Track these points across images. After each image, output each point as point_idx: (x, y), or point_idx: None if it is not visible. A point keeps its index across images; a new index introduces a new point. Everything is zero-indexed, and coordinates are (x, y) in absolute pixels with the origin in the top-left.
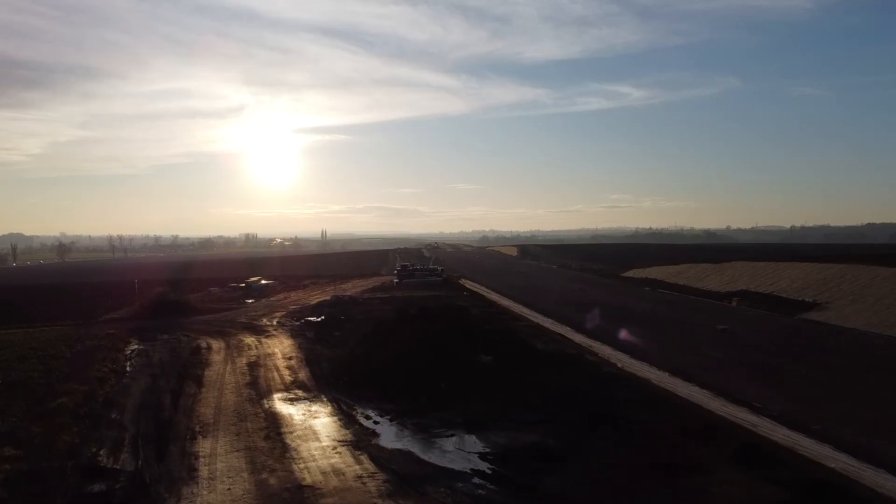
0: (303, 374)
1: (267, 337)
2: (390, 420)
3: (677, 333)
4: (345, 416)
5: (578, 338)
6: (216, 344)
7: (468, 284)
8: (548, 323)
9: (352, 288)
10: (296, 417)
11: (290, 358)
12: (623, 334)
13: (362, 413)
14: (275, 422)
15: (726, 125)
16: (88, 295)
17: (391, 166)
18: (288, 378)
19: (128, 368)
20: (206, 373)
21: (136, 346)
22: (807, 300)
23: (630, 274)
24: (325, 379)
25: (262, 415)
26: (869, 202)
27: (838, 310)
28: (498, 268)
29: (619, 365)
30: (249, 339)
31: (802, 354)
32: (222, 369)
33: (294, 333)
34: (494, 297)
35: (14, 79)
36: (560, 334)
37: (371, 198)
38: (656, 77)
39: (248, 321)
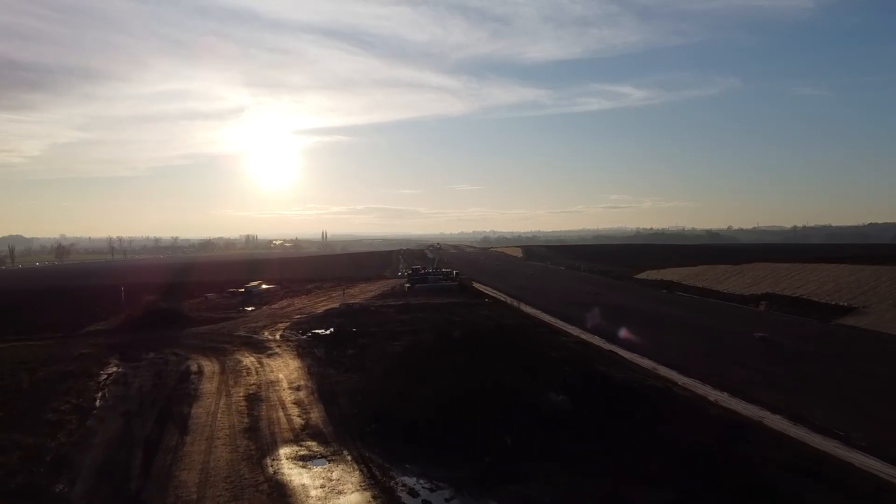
0: (316, 415)
1: (269, 356)
2: (446, 500)
3: (717, 343)
4: (381, 491)
5: (628, 354)
6: (209, 366)
7: (483, 289)
8: (586, 335)
9: (360, 293)
10: (312, 492)
11: (298, 388)
12: (665, 347)
13: (404, 485)
14: (283, 499)
15: (727, 125)
16: (80, 300)
17: (391, 167)
18: (297, 420)
19: (97, 403)
20: (193, 410)
21: (114, 370)
22: (841, 304)
23: (643, 276)
24: (345, 423)
25: (265, 486)
26: (871, 202)
27: (878, 315)
28: (506, 270)
29: (722, 403)
30: (249, 360)
31: (857, 367)
32: (214, 405)
33: (301, 351)
34: (516, 303)
35: (14, 81)
36: (610, 351)
37: (371, 199)
38: (657, 77)
39: (247, 334)
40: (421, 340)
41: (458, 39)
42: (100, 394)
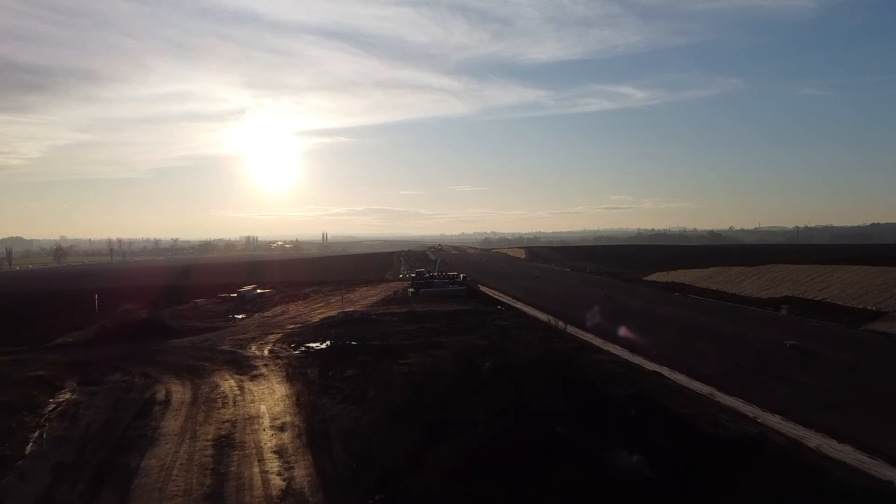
0: (301, 472)
1: (253, 379)
2: None
3: (748, 353)
4: None
5: (669, 372)
6: (179, 393)
7: (491, 293)
8: (611, 345)
9: (360, 299)
10: None
11: (281, 427)
12: (703, 362)
13: None
14: None
15: (728, 125)
16: (66, 305)
17: (392, 168)
18: (276, 481)
19: (28, 448)
20: (145, 463)
21: (66, 397)
22: (869, 308)
23: (653, 278)
24: (340, 488)
25: None
26: (873, 202)
27: None
28: (512, 272)
29: (824, 450)
30: (228, 384)
31: None
32: (173, 454)
33: (291, 372)
34: (531, 311)
35: (14, 82)
36: (657, 373)
37: (371, 200)
38: (658, 78)
39: (231, 349)
40: (438, 370)
41: (460, 40)
42: (36, 434)
